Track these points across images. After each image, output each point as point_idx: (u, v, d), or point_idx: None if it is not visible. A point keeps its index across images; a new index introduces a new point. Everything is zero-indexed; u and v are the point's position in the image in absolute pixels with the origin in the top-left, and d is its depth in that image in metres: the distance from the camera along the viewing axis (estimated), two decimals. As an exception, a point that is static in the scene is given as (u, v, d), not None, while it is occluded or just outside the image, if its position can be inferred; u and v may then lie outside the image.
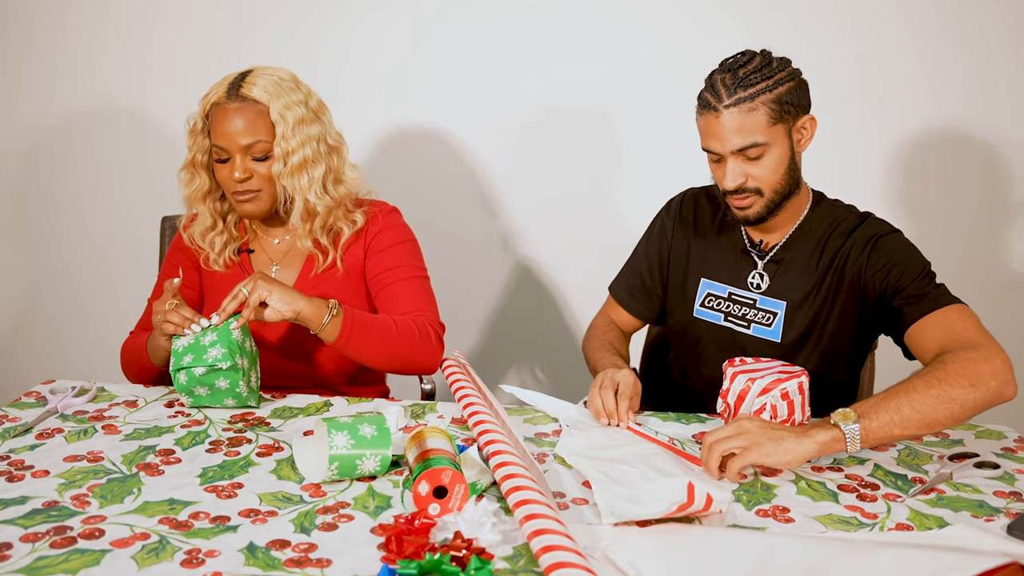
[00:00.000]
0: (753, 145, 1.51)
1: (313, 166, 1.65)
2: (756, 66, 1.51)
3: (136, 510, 1.18)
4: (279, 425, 1.50)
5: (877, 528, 1.19)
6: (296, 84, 1.67)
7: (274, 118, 1.61)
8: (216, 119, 1.62)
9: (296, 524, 1.16)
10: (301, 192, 1.65)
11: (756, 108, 1.50)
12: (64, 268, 2.75)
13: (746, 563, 1.07)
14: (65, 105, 2.62)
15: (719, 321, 1.70)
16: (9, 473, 1.28)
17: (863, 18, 2.35)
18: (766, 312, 1.65)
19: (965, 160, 2.39)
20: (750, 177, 1.55)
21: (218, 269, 1.76)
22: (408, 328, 1.64)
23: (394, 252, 1.74)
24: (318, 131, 1.66)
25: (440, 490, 1.17)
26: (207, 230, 1.74)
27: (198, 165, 1.70)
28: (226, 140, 1.61)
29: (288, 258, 1.76)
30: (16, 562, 1.05)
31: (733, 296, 1.69)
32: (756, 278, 1.67)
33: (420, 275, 1.75)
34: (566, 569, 0.97)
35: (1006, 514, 1.24)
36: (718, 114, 1.51)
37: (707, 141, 1.56)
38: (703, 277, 1.73)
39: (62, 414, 1.52)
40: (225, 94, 1.62)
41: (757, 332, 1.66)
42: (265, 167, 1.64)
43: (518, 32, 2.46)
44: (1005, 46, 2.32)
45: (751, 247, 1.69)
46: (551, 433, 1.50)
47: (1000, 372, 1.34)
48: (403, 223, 1.80)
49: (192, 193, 1.71)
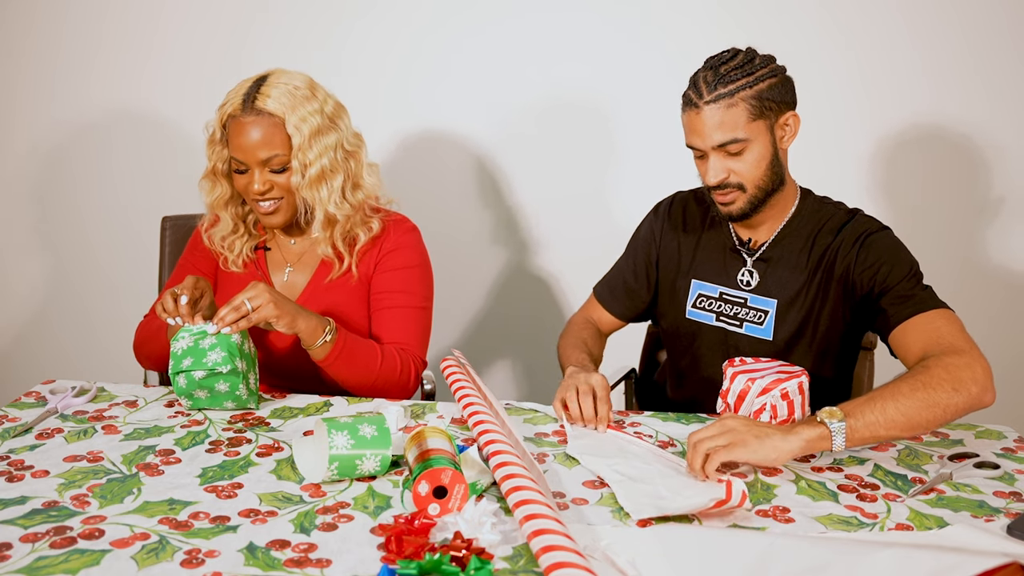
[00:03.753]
0: (733, 141, 1.53)
1: (332, 176, 1.65)
2: (738, 63, 1.54)
3: (136, 510, 1.18)
4: (279, 425, 1.50)
5: (877, 528, 1.19)
6: (312, 91, 1.66)
7: (290, 131, 1.61)
8: (233, 131, 1.63)
9: (296, 524, 1.16)
10: (321, 204, 1.66)
11: (736, 104, 1.52)
12: (64, 269, 2.75)
13: (746, 563, 1.08)
14: (65, 107, 2.63)
15: (711, 321, 1.71)
16: (9, 473, 1.29)
17: (852, 16, 2.36)
18: (757, 311, 1.66)
19: (947, 156, 2.41)
20: (732, 172, 1.57)
21: (236, 270, 1.77)
22: (392, 363, 1.66)
23: (402, 275, 1.75)
24: (335, 139, 1.66)
25: (440, 490, 1.17)
26: (228, 234, 1.75)
27: (219, 173, 1.70)
28: (243, 154, 1.62)
29: (303, 260, 1.77)
30: (16, 562, 1.05)
31: (724, 296, 1.69)
32: (746, 275, 1.68)
33: (420, 305, 1.76)
34: (566, 569, 0.97)
35: (1006, 514, 1.24)
36: (699, 110, 1.54)
37: (690, 137, 1.58)
38: (694, 278, 1.73)
39: (62, 414, 1.52)
40: (240, 106, 1.61)
41: (749, 331, 1.67)
42: (284, 178, 1.64)
43: (516, 31, 2.47)
44: (987, 43, 2.33)
45: (740, 245, 1.70)
46: (551, 433, 1.50)
47: (981, 379, 1.36)
48: (418, 244, 1.79)
49: (214, 201, 1.73)
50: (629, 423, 1.55)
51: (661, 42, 2.44)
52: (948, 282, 1.86)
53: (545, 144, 2.54)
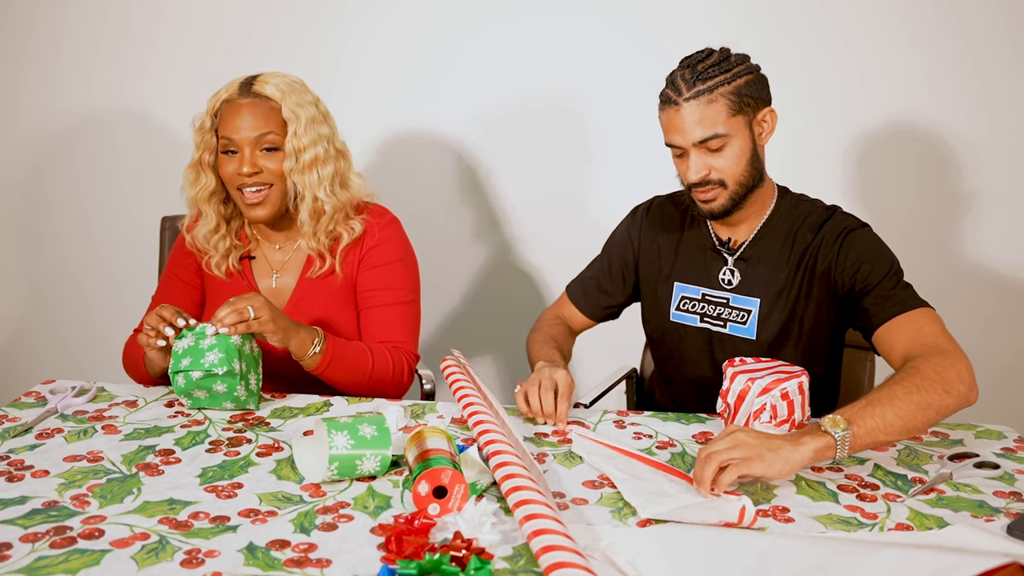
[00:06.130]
0: (714, 136, 1.55)
1: (323, 164, 1.68)
2: (714, 60, 1.55)
3: (136, 510, 1.19)
4: (279, 425, 1.50)
5: (877, 528, 1.19)
6: (305, 88, 1.71)
7: (286, 115, 1.64)
8: (227, 113, 1.65)
9: (296, 524, 1.16)
10: (311, 189, 1.67)
11: (715, 100, 1.53)
12: (65, 268, 2.76)
13: (746, 563, 1.08)
14: (66, 107, 2.64)
15: (695, 323, 1.72)
16: (9, 473, 1.29)
17: (832, 17, 2.38)
18: (740, 310, 1.67)
19: (915, 153, 2.43)
20: (713, 169, 1.57)
21: (219, 275, 1.76)
22: (384, 363, 1.68)
23: (386, 271, 1.76)
24: (328, 132, 1.70)
25: (440, 490, 1.18)
26: (211, 232, 1.75)
27: (205, 165, 1.71)
28: (236, 132, 1.64)
29: (287, 266, 1.78)
30: (16, 562, 1.05)
31: (707, 297, 1.70)
32: (727, 275, 1.69)
33: (407, 299, 1.77)
34: (566, 569, 0.98)
35: (1006, 514, 1.24)
36: (678, 107, 1.55)
37: (669, 135, 1.59)
38: (676, 281, 1.74)
39: (62, 414, 1.53)
40: (237, 91, 1.65)
41: (733, 330, 1.68)
42: (275, 162, 1.65)
43: (499, 33, 2.49)
44: (960, 44, 2.35)
45: (720, 245, 1.70)
46: (551, 433, 1.50)
47: (967, 378, 1.38)
48: (400, 236, 1.80)
49: (197, 193, 1.72)
50: (629, 423, 1.55)
51: (648, 41, 2.45)
52: (937, 281, 1.85)
53: (525, 142, 2.57)
